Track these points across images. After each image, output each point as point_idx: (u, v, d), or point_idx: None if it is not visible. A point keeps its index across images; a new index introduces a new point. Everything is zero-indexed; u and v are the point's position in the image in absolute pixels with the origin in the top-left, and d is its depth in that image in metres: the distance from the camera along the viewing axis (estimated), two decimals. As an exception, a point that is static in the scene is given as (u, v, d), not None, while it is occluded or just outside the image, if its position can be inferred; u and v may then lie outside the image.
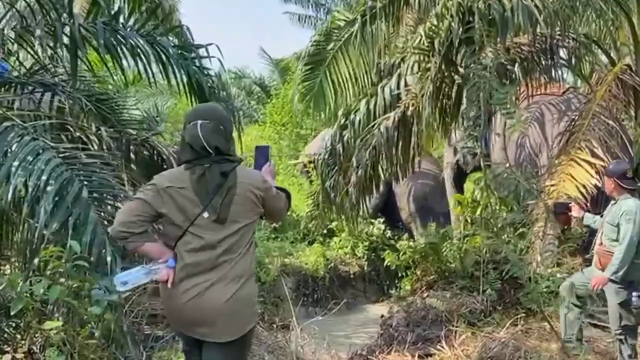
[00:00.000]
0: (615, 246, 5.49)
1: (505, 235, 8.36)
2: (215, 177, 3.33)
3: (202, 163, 3.35)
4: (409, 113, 8.14)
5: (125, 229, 3.32)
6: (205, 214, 3.30)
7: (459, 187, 11.94)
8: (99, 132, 6.78)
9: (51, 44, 6.16)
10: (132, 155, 7.27)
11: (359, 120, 8.48)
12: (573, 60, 8.61)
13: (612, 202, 5.67)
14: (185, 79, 6.98)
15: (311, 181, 13.27)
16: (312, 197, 10.22)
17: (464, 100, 7.11)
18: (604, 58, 9.08)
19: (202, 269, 3.31)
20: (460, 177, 12.04)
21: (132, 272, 3.46)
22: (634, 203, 5.49)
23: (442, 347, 6.44)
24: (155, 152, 7.44)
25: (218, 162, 3.36)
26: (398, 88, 8.49)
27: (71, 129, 6.59)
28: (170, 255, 3.37)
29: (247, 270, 3.42)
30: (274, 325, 7.20)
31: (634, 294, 5.45)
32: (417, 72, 8.13)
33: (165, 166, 7.31)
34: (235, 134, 6.28)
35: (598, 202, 6.75)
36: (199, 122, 3.37)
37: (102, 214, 5.10)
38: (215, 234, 3.31)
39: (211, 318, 3.31)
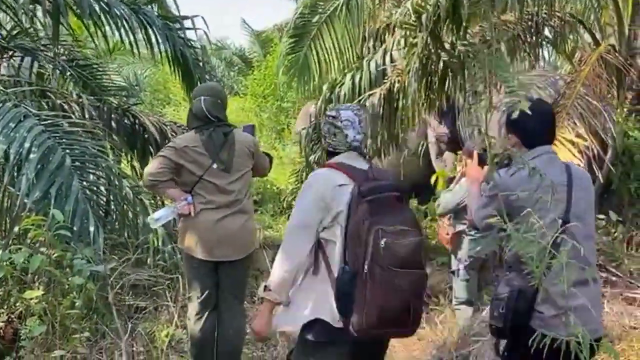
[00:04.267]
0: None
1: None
2: (220, 137, 4.38)
3: (208, 128, 4.38)
4: (394, 89, 8.09)
5: (154, 177, 4.31)
6: (215, 165, 4.33)
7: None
8: (81, 99, 6.69)
9: (32, 9, 6.05)
10: (114, 124, 7.18)
11: (344, 94, 8.43)
12: (558, 40, 8.61)
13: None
14: (169, 50, 6.90)
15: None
16: (296, 174, 10.14)
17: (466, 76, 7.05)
18: (587, 37, 9.08)
19: (219, 205, 4.33)
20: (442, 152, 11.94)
21: (161, 211, 4.44)
22: (465, 180, 5.79)
23: (422, 323, 6.46)
24: (137, 121, 7.35)
25: (220, 127, 4.41)
26: (384, 63, 8.43)
27: (52, 96, 6.49)
28: (188, 195, 4.32)
29: (251, 209, 4.64)
30: (255, 298, 7.19)
31: (460, 266, 5.92)
32: (403, 48, 8.07)
33: (147, 135, 7.24)
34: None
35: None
36: (202, 97, 4.41)
37: (84, 183, 5.05)
38: (224, 180, 4.35)
39: (230, 238, 4.34)
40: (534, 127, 3.03)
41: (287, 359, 3.35)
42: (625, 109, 8.19)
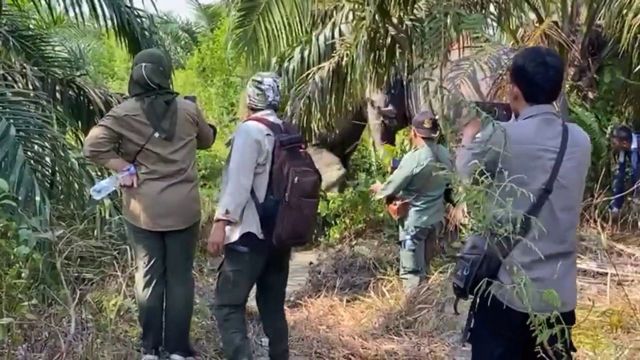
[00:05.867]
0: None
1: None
2: (161, 105, 4.25)
3: (149, 95, 4.24)
4: (343, 63, 8.14)
5: (94, 148, 4.22)
6: (157, 134, 4.22)
7: (390, 141, 11.84)
8: (24, 70, 6.55)
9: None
10: (58, 95, 7.07)
11: (293, 68, 8.45)
12: (502, 16, 8.75)
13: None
14: (115, 19, 6.80)
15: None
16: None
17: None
18: (532, 15, 9.26)
19: (162, 175, 4.26)
20: (389, 132, 11.99)
21: (102, 183, 4.42)
22: (411, 153, 6.11)
23: (370, 293, 6.58)
24: (81, 92, 7.25)
25: (161, 94, 4.27)
26: (333, 37, 8.47)
27: (-6, 65, 6.34)
28: (130, 165, 4.23)
29: (195, 178, 4.56)
30: (204, 270, 7.21)
31: (407, 237, 6.06)
32: (352, 21, 8.13)
33: (92, 107, 7.15)
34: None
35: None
36: (143, 64, 4.26)
37: (29, 153, 4.98)
38: (166, 149, 4.26)
39: (175, 208, 4.28)
40: (538, 81, 2.70)
41: (218, 269, 4.15)
42: (567, 85, 8.41)
